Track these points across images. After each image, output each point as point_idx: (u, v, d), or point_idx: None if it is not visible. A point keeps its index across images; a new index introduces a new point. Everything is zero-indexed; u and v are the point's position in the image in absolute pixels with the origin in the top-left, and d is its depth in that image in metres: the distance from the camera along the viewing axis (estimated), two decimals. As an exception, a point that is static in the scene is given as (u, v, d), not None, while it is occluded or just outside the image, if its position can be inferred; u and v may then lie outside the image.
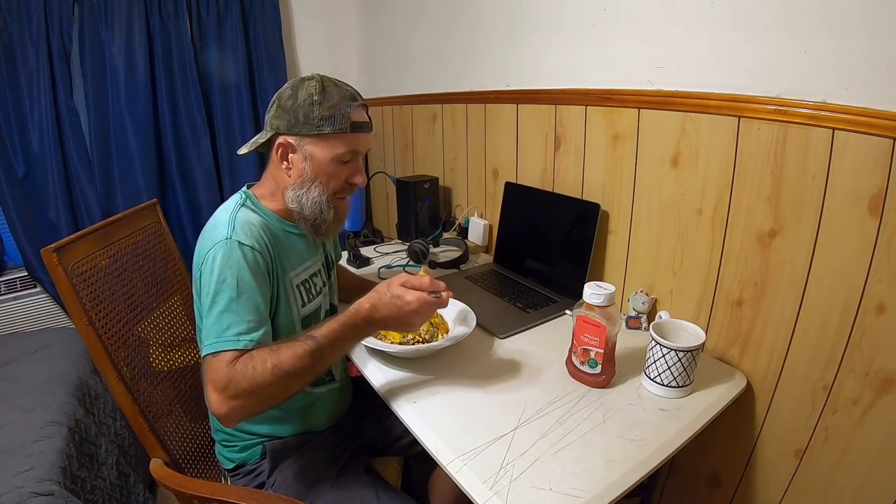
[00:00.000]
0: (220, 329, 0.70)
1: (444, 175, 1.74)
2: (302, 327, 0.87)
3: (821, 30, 0.72)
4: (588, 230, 1.12)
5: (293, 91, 0.81)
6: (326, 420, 0.95)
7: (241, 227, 0.77)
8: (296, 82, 0.82)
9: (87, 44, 1.68)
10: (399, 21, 1.88)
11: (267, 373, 0.67)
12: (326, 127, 0.79)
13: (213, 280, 0.72)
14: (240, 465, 0.90)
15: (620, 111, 1.06)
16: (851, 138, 0.71)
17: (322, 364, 0.72)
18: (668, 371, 0.79)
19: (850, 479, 0.79)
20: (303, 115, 0.79)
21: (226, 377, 0.66)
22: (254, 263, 0.75)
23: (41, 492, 0.98)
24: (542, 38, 1.24)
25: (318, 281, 0.93)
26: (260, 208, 0.85)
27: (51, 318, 1.90)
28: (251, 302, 0.73)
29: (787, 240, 0.81)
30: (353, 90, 0.84)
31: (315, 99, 0.79)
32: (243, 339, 0.70)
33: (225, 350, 0.69)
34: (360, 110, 0.83)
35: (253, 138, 0.86)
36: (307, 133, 0.80)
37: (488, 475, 0.64)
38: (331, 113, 0.79)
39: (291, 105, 0.80)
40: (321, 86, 0.80)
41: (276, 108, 0.82)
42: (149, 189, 1.86)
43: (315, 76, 0.82)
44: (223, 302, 0.71)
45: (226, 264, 0.73)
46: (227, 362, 0.67)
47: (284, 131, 0.81)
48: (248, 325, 0.71)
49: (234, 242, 0.74)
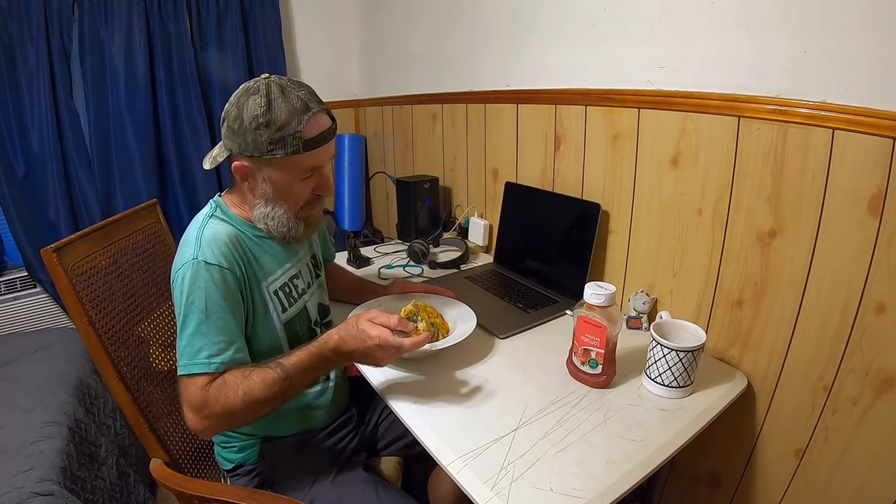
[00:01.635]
0: (192, 351, 0.72)
1: (444, 175, 1.74)
2: (286, 332, 0.87)
3: (821, 30, 0.72)
4: (588, 230, 1.12)
5: (238, 111, 0.74)
6: (325, 419, 0.95)
7: (207, 244, 0.75)
8: (241, 99, 0.74)
9: (87, 44, 1.68)
10: (399, 21, 1.88)
11: (238, 399, 0.70)
12: (278, 151, 0.73)
13: (182, 302, 0.73)
14: (239, 465, 0.90)
15: (620, 111, 1.06)
16: (851, 138, 0.71)
17: (291, 392, 0.74)
18: (668, 371, 0.79)
19: (850, 479, 0.79)
20: (251, 140, 0.73)
21: (200, 400, 0.70)
22: (221, 283, 0.74)
23: (41, 492, 0.98)
24: (543, 37, 1.24)
25: (299, 283, 0.92)
26: (231, 217, 0.83)
27: (51, 318, 1.90)
28: (220, 322, 0.73)
29: (787, 240, 0.81)
30: (305, 97, 0.75)
31: (260, 122, 0.72)
32: (214, 361, 0.72)
33: (198, 374, 0.71)
34: (316, 120, 0.75)
35: (213, 151, 0.82)
36: (259, 156, 0.74)
37: (489, 476, 0.64)
38: (280, 135, 0.72)
39: (238, 127, 0.74)
40: (266, 101, 0.72)
41: (226, 126, 0.76)
42: (149, 189, 1.85)
43: (261, 86, 0.73)
44: (193, 325, 0.72)
45: (193, 286, 0.73)
46: (201, 386, 0.71)
47: (237, 154, 0.77)
48: (219, 346, 0.73)
49: (201, 263, 0.73)
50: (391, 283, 1.14)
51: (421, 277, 1.36)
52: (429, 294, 1.07)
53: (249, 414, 0.73)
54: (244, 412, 0.71)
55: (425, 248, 1.41)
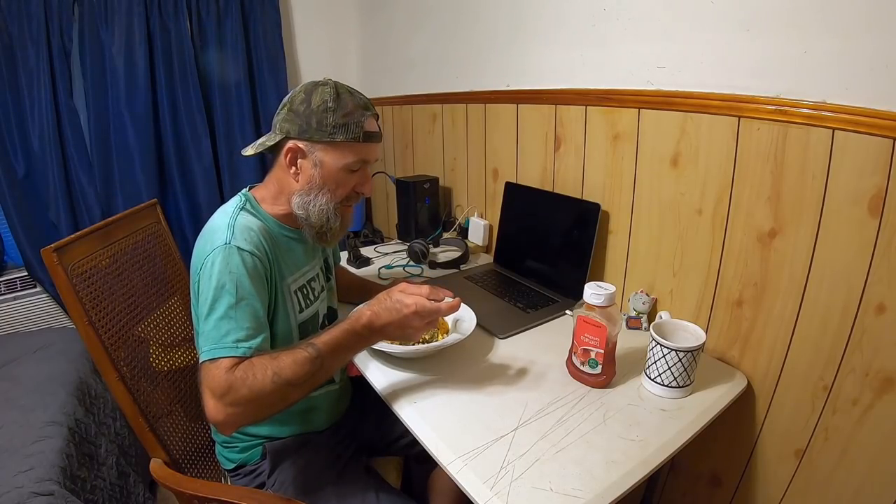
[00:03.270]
0: (219, 335, 0.69)
1: (444, 175, 1.74)
2: (299, 333, 0.86)
3: (821, 30, 0.72)
4: (588, 230, 1.12)
5: (306, 95, 0.79)
6: (326, 421, 0.95)
7: (240, 231, 0.76)
8: (309, 86, 0.80)
9: (87, 44, 1.68)
10: (399, 21, 1.88)
11: (267, 380, 0.66)
12: (339, 135, 0.78)
13: (211, 286, 0.71)
14: (240, 465, 0.90)
15: (620, 111, 1.06)
16: (851, 138, 0.71)
17: (322, 373, 0.71)
18: (668, 371, 0.79)
19: (850, 479, 0.79)
20: (315, 122, 0.78)
21: (225, 384, 0.65)
22: (253, 269, 0.74)
23: (41, 492, 0.98)
24: (542, 38, 1.24)
25: (315, 286, 0.93)
26: (259, 212, 0.84)
27: (51, 318, 1.90)
28: (250, 308, 0.72)
29: (787, 240, 0.81)
30: (366, 99, 0.83)
31: (329, 106, 0.78)
32: (242, 346, 0.69)
33: (223, 357, 0.68)
34: (372, 120, 0.83)
35: (259, 139, 0.85)
36: (319, 140, 0.79)
37: (489, 475, 0.64)
38: (344, 121, 0.78)
39: (304, 110, 0.78)
40: (335, 92, 0.79)
41: (286, 111, 0.80)
42: (149, 189, 1.86)
43: (329, 81, 0.81)
44: (222, 308, 0.70)
45: (224, 270, 0.72)
46: (226, 369, 0.66)
47: (295, 136, 0.79)
48: (247, 332, 0.70)
49: (234, 248, 0.73)
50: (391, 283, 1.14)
51: (421, 277, 1.36)
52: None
53: (279, 399, 0.68)
54: (272, 396, 0.67)
55: (425, 248, 1.41)
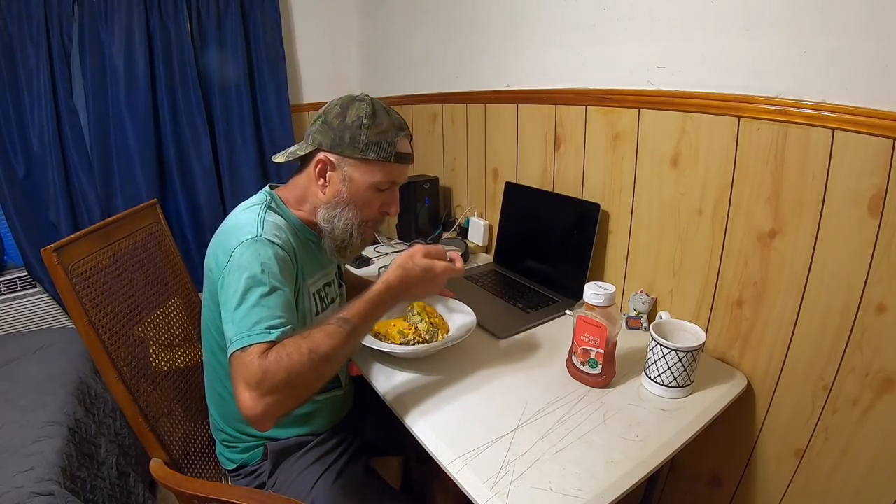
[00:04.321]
0: (250, 324, 0.65)
1: (444, 175, 1.74)
2: None
3: (821, 30, 0.72)
4: (588, 230, 1.12)
5: (342, 109, 0.80)
6: (327, 424, 0.95)
7: (270, 227, 0.76)
8: (346, 101, 0.81)
9: (87, 44, 1.67)
10: (399, 21, 1.88)
11: (304, 358, 0.62)
12: (371, 153, 0.79)
13: (242, 276, 0.69)
14: (241, 465, 0.90)
15: (620, 111, 1.06)
16: (851, 138, 0.71)
17: (353, 340, 0.70)
18: (668, 371, 0.79)
19: (850, 479, 0.79)
20: (349, 136, 0.78)
21: (259, 371, 0.60)
22: (283, 261, 0.74)
23: (41, 492, 0.98)
24: (542, 38, 1.24)
25: (331, 291, 0.94)
26: (285, 212, 0.84)
27: (51, 318, 1.90)
28: (283, 297, 0.70)
29: (787, 240, 0.81)
30: (401, 119, 0.83)
31: (364, 122, 0.78)
32: (274, 331, 0.65)
33: (254, 343, 0.63)
34: (406, 141, 0.83)
35: (291, 148, 0.85)
36: (350, 155, 0.79)
37: (489, 475, 0.64)
38: (378, 139, 0.79)
39: (339, 124, 0.79)
40: (372, 109, 0.79)
41: (321, 123, 0.81)
42: (149, 189, 1.85)
43: (366, 98, 0.81)
44: (254, 297, 0.67)
45: (256, 261, 0.70)
46: (259, 355, 0.62)
47: (327, 148, 0.80)
48: (280, 319, 0.67)
49: (264, 240, 0.73)
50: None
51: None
52: (429, 294, 1.08)
53: (316, 377, 0.65)
54: (310, 374, 0.64)
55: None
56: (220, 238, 0.78)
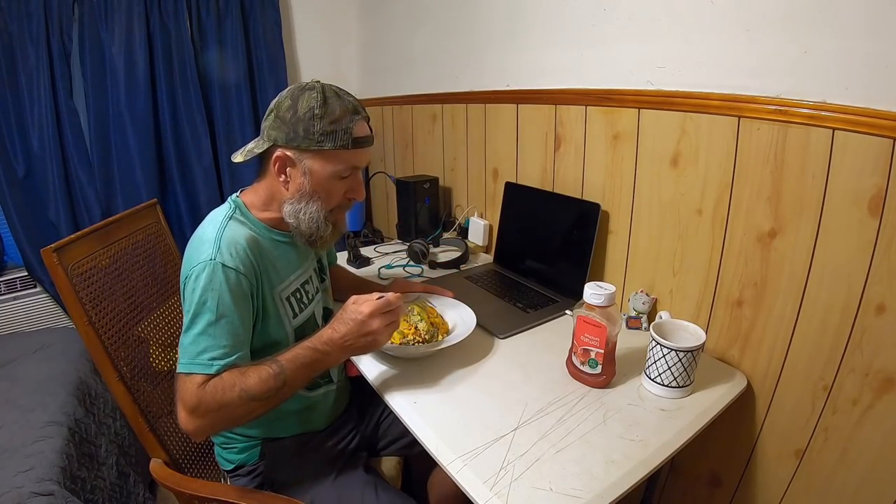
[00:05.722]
0: (196, 351, 0.71)
1: (444, 175, 1.74)
2: (296, 338, 0.86)
3: (821, 30, 0.72)
4: (588, 230, 1.12)
5: (293, 102, 0.77)
6: (325, 421, 0.95)
7: (227, 246, 0.75)
8: (295, 91, 0.78)
9: (87, 44, 1.68)
10: (399, 21, 1.88)
11: (235, 396, 0.69)
12: (327, 143, 0.77)
13: (194, 300, 0.72)
14: (239, 465, 0.90)
15: (620, 111, 1.06)
16: (851, 138, 0.71)
17: (287, 389, 0.73)
18: (668, 371, 0.79)
19: (850, 479, 0.79)
20: (302, 129, 0.76)
21: (196, 399, 0.68)
22: (236, 286, 0.74)
23: (41, 492, 0.98)
24: (542, 37, 1.24)
25: (310, 288, 0.92)
26: (249, 219, 0.83)
27: (51, 318, 1.90)
28: (229, 326, 0.72)
29: (787, 240, 0.81)
30: (355, 102, 0.81)
31: (316, 113, 0.76)
32: (216, 364, 0.70)
33: (196, 373, 0.70)
34: (362, 124, 0.81)
35: (248, 146, 0.83)
36: (307, 147, 0.77)
37: (489, 475, 0.64)
38: (332, 128, 0.77)
39: (290, 117, 0.77)
40: (322, 97, 0.77)
41: (273, 117, 0.79)
42: (149, 189, 1.86)
43: (316, 85, 0.78)
44: (201, 325, 0.71)
45: (208, 287, 0.72)
46: (198, 385, 0.69)
47: (282, 144, 0.78)
48: (224, 349, 0.71)
49: (218, 264, 0.73)
50: (391, 283, 1.15)
51: (421, 277, 1.36)
52: (429, 294, 1.08)
53: (245, 413, 0.71)
54: (239, 410, 0.70)
55: (425, 248, 1.41)
56: (188, 250, 0.78)
